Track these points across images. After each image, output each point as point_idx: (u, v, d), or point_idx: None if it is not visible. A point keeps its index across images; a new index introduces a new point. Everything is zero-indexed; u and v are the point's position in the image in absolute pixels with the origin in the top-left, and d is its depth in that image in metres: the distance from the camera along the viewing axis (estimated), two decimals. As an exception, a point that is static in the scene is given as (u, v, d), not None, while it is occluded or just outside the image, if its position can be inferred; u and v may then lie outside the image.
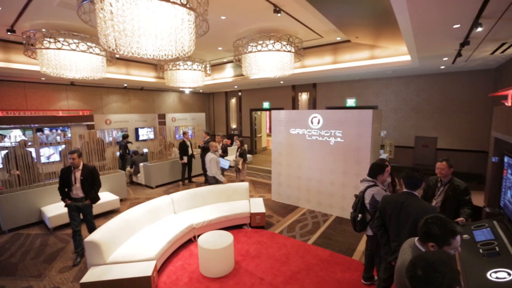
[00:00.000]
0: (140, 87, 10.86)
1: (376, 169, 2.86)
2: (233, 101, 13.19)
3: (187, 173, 7.58)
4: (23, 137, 7.39)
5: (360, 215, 2.88)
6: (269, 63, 5.55)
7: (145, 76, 9.51)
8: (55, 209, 4.79)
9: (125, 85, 9.97)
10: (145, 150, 9.89)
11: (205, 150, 7.08)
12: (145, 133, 10.97)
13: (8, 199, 4.63)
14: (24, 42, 5.13)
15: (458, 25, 3.55)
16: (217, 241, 3.35)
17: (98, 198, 3.97)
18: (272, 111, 5.97)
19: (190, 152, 7.44)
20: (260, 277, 3.27)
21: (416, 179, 2.25)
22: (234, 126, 13.38)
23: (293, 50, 5.64)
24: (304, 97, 10.64)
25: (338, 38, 6.62)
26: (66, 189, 3.79)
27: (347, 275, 3.31)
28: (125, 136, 8.57)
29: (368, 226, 2.91)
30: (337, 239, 4.27)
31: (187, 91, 12.87)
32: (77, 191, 3.82)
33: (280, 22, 5.35)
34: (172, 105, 12.84)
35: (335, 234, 4.44)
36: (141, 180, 7.55)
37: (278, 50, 5.36)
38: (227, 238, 3.45)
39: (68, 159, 3.82)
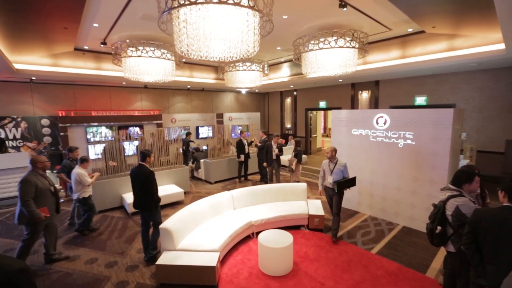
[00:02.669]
0: (201, 88, 11.64)
1: (462, 177, 2.48)
2: (288, 100, 13.12)
3: (243, 171, 7.83)
4: (113, 133, 8.74)
5: (439, 228, 2.54)
6: (331, 60, 5.34)
7: (206, 78, 10.18)
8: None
9: (188, 86, 10.82)
10: (204, 147, 10.59)
11: (261, 149, 7.20)
12: (205, 131, 11.73)
13: (98, 185, 5.47)
14: (112, 52, 5.99)
15: None
16: (277, 240, 3.37)
17: None
18: (333, 111, 5.73)
19: (246, 150, 7.65)
20: (320, 282, 3.17)
21: None
22: (288, 125, 13.32)
23: (357, 46, 5.31)
24: (364, 95, 9.95)
25: (410, 30, 6.00)
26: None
27: (420, 293, 2.98)
28: (188, 134, 9.30)
29: (450, 241, 2.55)
30: (405, 252, 3.87)
31: (243, 91, 13.30)
32: None
33: (344, 17, 5.10)
34: (229, 105, 13.44)
35: (403, 246, 4.03)
36: (201, 175, 8.09)
37: (341, 47, 5.11)
38: (287, 237, 3.44)
39: (145, 159, 3.72)
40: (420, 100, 8.50)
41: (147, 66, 5.93)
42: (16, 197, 6.24)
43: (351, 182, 4.14)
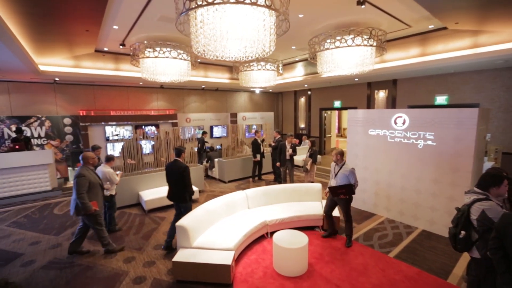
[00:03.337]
0: (215, 88, 11.75)
1: (489, 180, 2.37)
2: (302, 100, 13.01)
3: (258, 170, 7.83)
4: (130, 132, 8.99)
5: (463, 232, 2.44)
6: (347, 59, 5.24)
7: (221, 78, 10.26)
8: (150, 194, 5.61)
9: (203, 86, 10.94)
10: (218, 147, 10.69)
11: (275, 149, 7.18)
12: (219, 131, 11.84)
13: (117, 183, 5.64)
14: (131, 53, 6.16)
15: None
16: (291, 241, 3.35)
17: None
18: (349, 111, 5.62)
19: (261, 150, 7.65)
20: (336, 284, 3.12)
21: None
22: (302, 125, 13.20)
23: (375, 44, 5.19)
24: (381, 95, 9.70)
25: (431, 26, 5.79)
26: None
27: (442, 300, 2.87)
28: (203, 133, 9.42)
29: (474, 247, 2.43)
30: (425, 256, 3.74)
31: (257, 91, 13.31)
32: None
33: (362, 15, 4.99)
34: (243, 104, 13.49)
35: (423, 250, 3.90)
36: (215, 174, 8.17)
37: (358, 45, 5.00)
38: (302, 238, 3.41)
39: (180, 155, 4.02)
40: (441, 99, 8.18)
41: (163, 67, 6.05)
42: (39, 193, 6.57)
43: (347, 189, 3.83)
